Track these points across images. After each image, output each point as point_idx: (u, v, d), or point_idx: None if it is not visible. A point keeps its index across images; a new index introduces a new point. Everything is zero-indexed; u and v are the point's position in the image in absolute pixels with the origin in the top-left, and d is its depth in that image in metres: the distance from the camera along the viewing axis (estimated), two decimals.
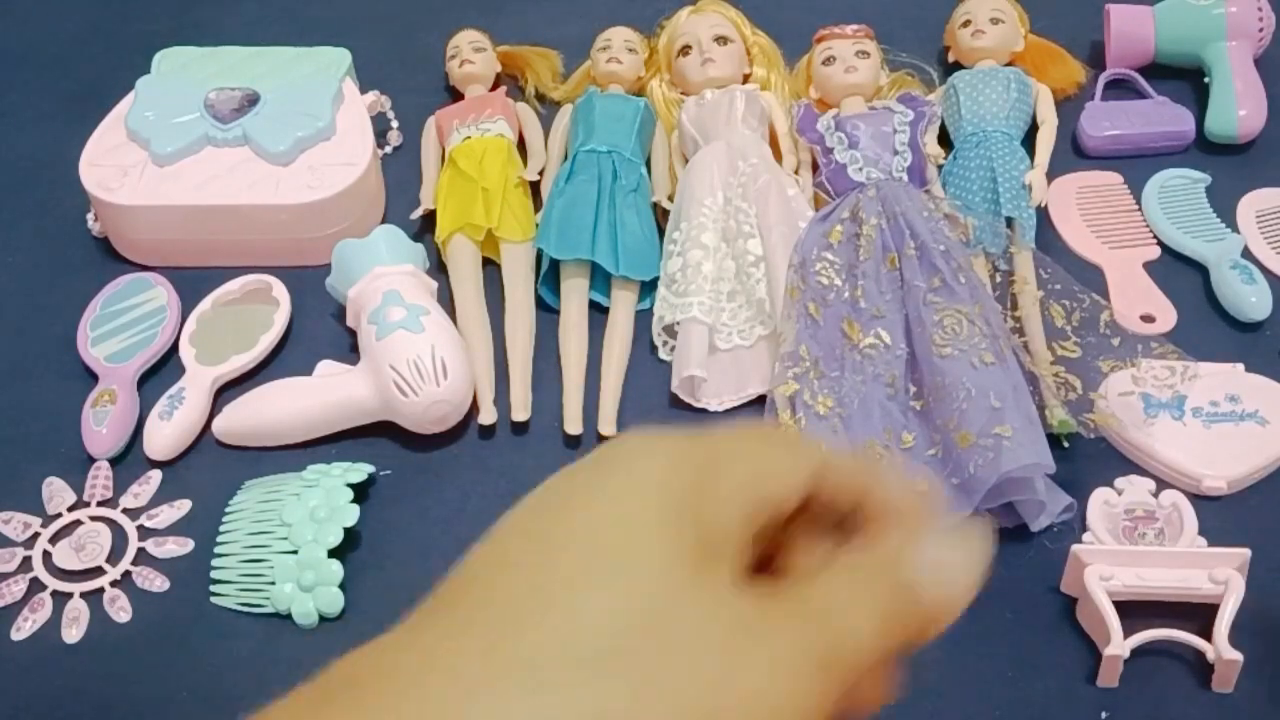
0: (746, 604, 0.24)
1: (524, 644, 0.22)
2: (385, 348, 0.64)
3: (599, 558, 0.23)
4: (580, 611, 0.22)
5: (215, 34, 0.86)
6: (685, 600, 0.23)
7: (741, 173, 0.72)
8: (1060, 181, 0.78)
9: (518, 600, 0.23)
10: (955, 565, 0.26)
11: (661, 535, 0.24)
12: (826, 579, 0.25)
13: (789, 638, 0.23)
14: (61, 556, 0.62)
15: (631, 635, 0.22)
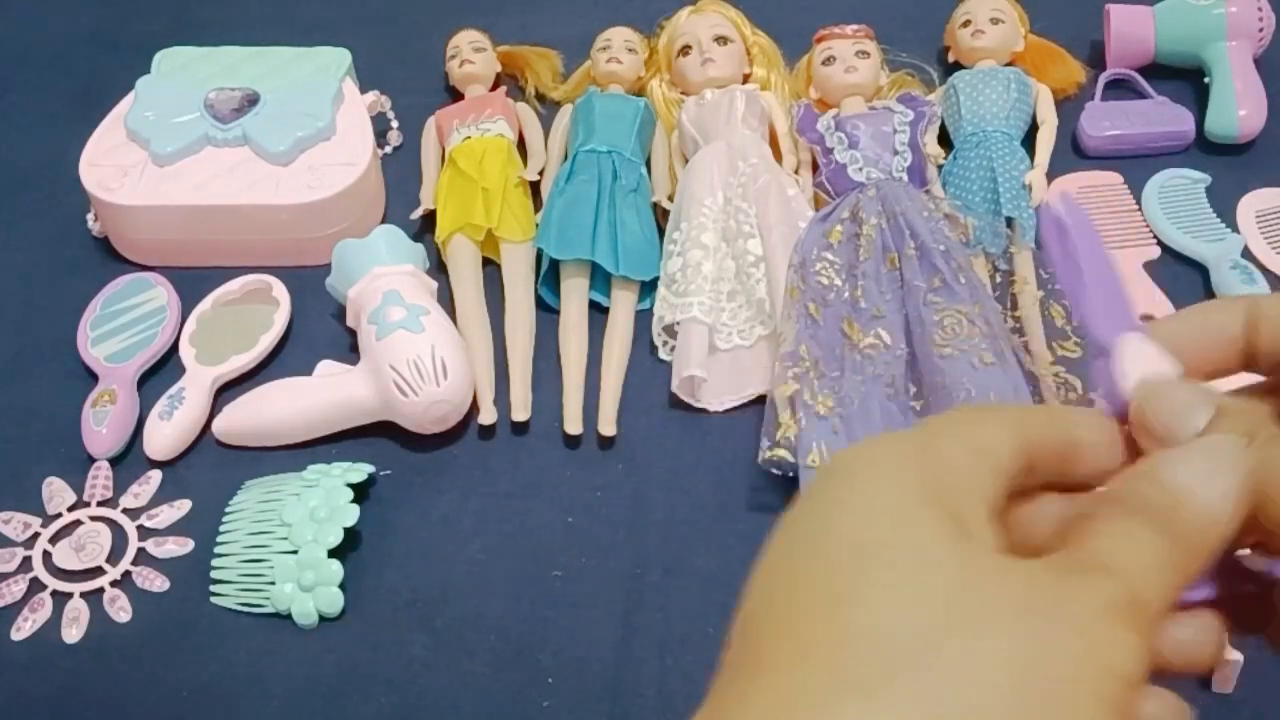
0: (1034, 569, 0.24)
1: (848, 683, 0.22)
2: (385, 348, 0.64)
3: (882, 560, 0.23)
4: (885, 625, 0.22)
5: (215, 34, 0.86)
6: (978, 575, 0.23)
7: (741, 173, 0.72)
8: (1060, 181, 0.78)
9: (826, 641, 0.22)
10: (1203, 474, 0.25)
11: (930, 518, 0.24)
12: (1092, 528, 0.25)
13: (1085, 594, 0.23)
14: (61, 556, 0.62)
15: (940, 628, 0.22)
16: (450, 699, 0.57)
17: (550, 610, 0.59)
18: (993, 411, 0.28)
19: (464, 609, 0.59)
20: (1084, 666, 0.22)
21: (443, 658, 0.58)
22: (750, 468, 0.64)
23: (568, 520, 0.63)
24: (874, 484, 0.25)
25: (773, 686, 0.23)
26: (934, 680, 0.22)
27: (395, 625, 0.59)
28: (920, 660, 0.22)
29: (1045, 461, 0.27)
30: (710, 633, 0.58)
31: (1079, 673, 0.22)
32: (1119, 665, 0.23)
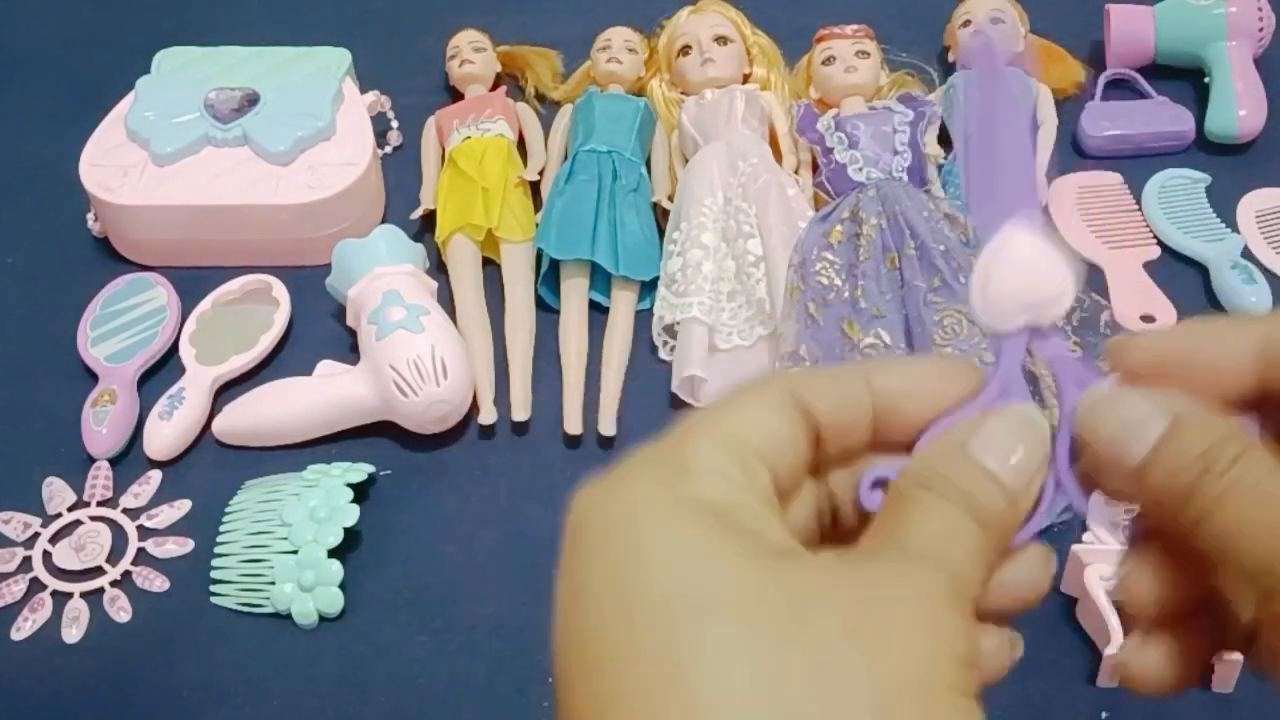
0: (862, 574, 0.23)
1: None
2: (385, 348, 0.64)
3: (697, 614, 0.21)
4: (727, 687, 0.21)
5: (215, 34, 0.86)
6: (806, 598, 0.22)
7: (741, 173, 0.72)
8: (1060, 181, 0.78)
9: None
10: (1013, 444, 0.25)
11: (728, 548, 0.22)
12: (911, 517, 0.24)
13: (920, 591, 0.23)
14: (61, 556, 0.62)
15: (784, 670, 0.21)
16: (450, 699, 0.57)
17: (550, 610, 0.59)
18: (750, 392, 0.26)
19: (464, 609, 0.59)
20: (935, 663, 0.22)
21: (443, 658, 0.58)
22: None
23: None
24: (652, 526, 0.23)
25: None
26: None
27: (395, 625, 0.59)
28: (778, 710, 0.21)
29: (845, 424, 0.26)
30: None
31: (933, 671, 0.22)
32: (961, 651, 0.23)
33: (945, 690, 0.22)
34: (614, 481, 0.24)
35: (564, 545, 0.24)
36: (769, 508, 0.24)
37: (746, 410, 0.25)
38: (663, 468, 0.24)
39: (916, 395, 0.26)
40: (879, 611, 0.22)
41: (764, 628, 0.21)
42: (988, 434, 0.25)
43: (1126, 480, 0.25)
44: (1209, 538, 0.24)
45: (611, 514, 0.23)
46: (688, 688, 0.21)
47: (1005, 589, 0.25)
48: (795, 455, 0.25)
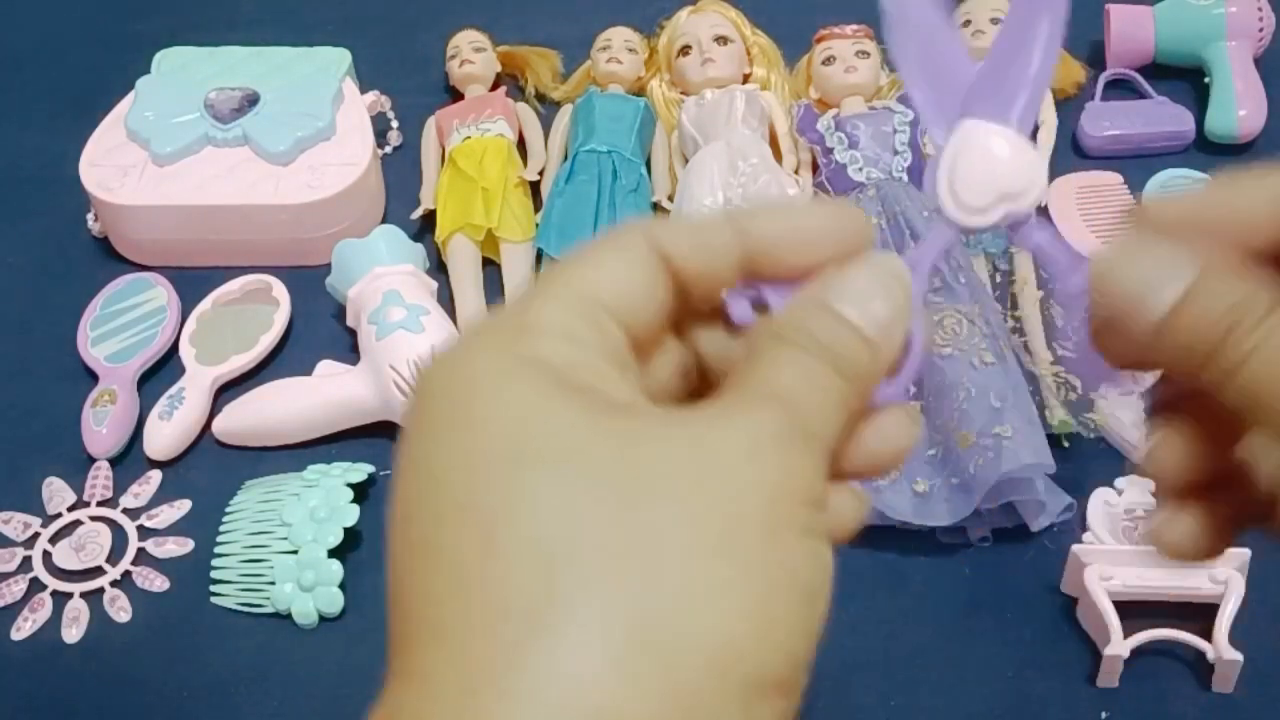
0: (698, 417, 0.22)
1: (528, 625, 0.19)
2: (385, 348, 0.64)
3: (526, 461, 0.21)
4: (550, 533, 0.20)
5: (215, 34, 0.86)
6: (636, 444, 0.21)
7: (741, 173, 0.72)
8: (1060, 181, 0.78)
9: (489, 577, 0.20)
10: (875, 294, 0.24)
11: (561, 399, 0.21)
12: (758, 362, 0.23)
13: (756, 427, 0.22)
14: (61, 556, 0.62)
15: (611, 516, 0.20)
16: None
17: None
18: (606, 245, 0.24)
19: None
20: (770, 498, 0.21)
21: None
22: None
23: None
24: (488, 382, 0.22)
25: (442, 660, 0.20)
26: (620, 584, 0.20)
27: None
28: (601, 561, 0.20)
29: (709, 272, 0.25)
30: None
31: (767, 505, 0.21)
32: (803, 490, 0.22)
33: (780, 528, 0.21)
34: (456, 347, 0.23)
35: (406, 413, 0.23)
36: (615, 365, 0.23)
37: (600, 265, 0.24)
38: (503, 330, 0.23)
39: (797, 244, 0.25)
40: (708, 452, 0.21)
41: (581, 474, 0.21)
42: (848, 284, 0.24)
43: (1146, 339, 0.24)
44: (1236, 395, 0.23)
45: (448, 378, 0.23)
46: (496, 536, 0.20)
47: (866, 447, 0.24)
48: (654, 308, 0.24)
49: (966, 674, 0.56)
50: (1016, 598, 0.58)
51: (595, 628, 0.19)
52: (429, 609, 0.21)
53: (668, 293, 0.25)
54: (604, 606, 0.19)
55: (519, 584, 0.20)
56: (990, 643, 0.57)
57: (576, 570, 0.20)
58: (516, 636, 0.19)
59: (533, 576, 0.20)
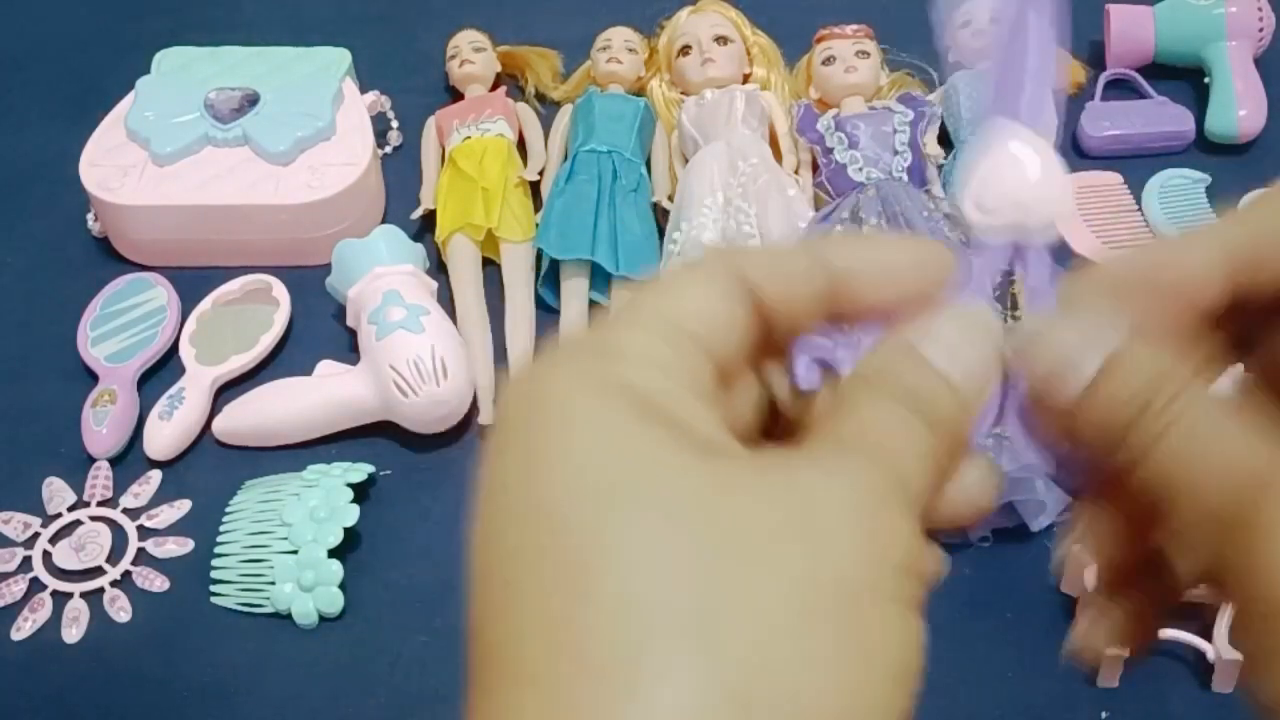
0: (792, 466, 0.21)
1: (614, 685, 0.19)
2: (385, 348, 0.64)
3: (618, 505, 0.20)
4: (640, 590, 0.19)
5: (215, 34, 0.86)
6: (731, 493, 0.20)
7: (741, 173, 0.72)
8: None
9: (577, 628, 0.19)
10: (964, 345, 0.23)
11: (651, 437, 0.20)
12: (849, 411, 0.22)
13: (853, 484, 0.21)
14: (61, 556, 0.62)
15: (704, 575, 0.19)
16: (450, 699, 0.56)
17: None
18: (690, 271, 0.23)
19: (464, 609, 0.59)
20: (869, 567, 0.20)
21: (443, 658, 0.58)
22: None
23: None
24: (574, 416, 0.21)
25: (530, 707, 0.19)
26: (716, 644, 0.19)
27: (395, 625, 0.59)
28: (693, 624, 0.19)
29: (794, 304, 0.24)
30: None
31: (866, 575, 0.20)
32: (900, 557, 0.21)
33: (879, 596, 0.20)
34: (539, 370, 0.22)
35: (488, 438, 0.22)
36: (702, 398, 0.22)
37: (685, 291, 0.23)
38: (589, 354, 0.22)
39: (878, 277, 0.24)
40: (808, 508, 0.20)
41: (677, 522, 0.20)
42: (938, 333, 0.23)
43: (1066, 416, 0.23)
44: (1147, 482, 0.22)
45: (532, 402, 0.22)
46: (589, 582, 0.19)
47: (948, 502, 0.23)
48: (738, 339, 0.23)
49: (966, 674, 0.56)
50: (1016, 598, 0.58)
51: (688, 692, 0.18)
52: (515, 650, 0.20)
53: (751, 323, 0.24)
54: (698, 670, 0.19)
55: (610, 638, 0.19)
56: (990, 643, 0.57)
57: (669, 628, 0.19)
58: (609, 694, 0.19)
59: (625, 631, 0.19)
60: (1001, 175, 0.24)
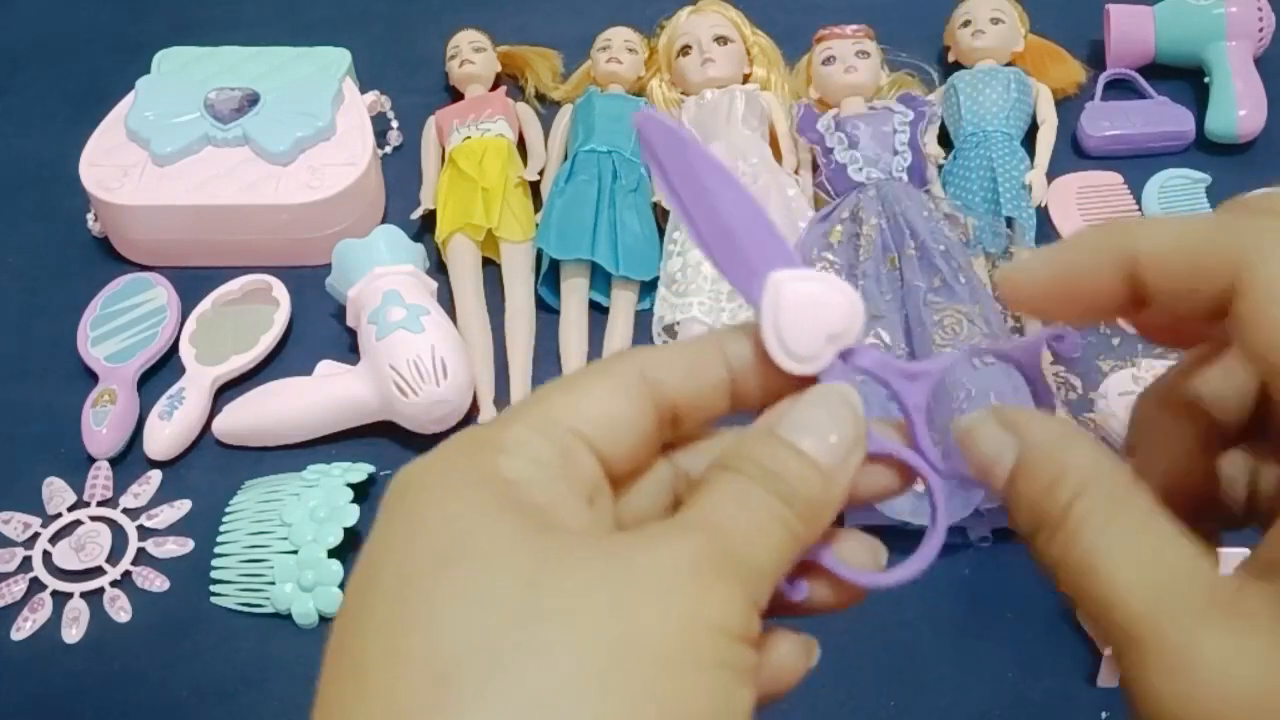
0: (621, 542, 0.22)
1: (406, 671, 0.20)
2: (385, 348, 0.64)
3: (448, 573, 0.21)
4: (445, 646, 0.20)
5: (215, 34, 0.86)
6: (555, 562, 0.21)
7: (741, 173, 0.72)
8: (1060, 181, 0.78)
9: (385, 678, 0.20)
10: (827, 424, 0.24)
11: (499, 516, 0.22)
12: (698, 491, 0.23)
13: (669, 552, 0.21)
14: (61, 556, 0.62)
15: (508, 631, 0.20)
16: None
17: None
18: (595, 373, 0.25)
19: None
20: (676, 627, 0.20)
21: None
22: None
23: None
24: (438, 493, 0.23)
25: None
26: (505, 693, 0.19)
27: None
28: (488, 675, 0.20)
29: (701, 398, 0.25)
30: None
31: (672, 635, 0.20)
32: (718, 619, 0.21)
33: (697, 663, 0.20)
34: (429, 454, 0.24)
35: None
36: (578, 493, 0.23)
37: (586, 393, 0.25)
38: (471, 444, 0.24)
39: (767, 363, 0.25)
40: (625, 577, 0.21)
41: (491, 586, 0.21)
42: (798, 415, 0.24)
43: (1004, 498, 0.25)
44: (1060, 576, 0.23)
45: (409, 481, 0.23)
46: (398, 643, 0.20)
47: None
48: (637, 436, 0.25)
49: (966, 674, 0.56)
50: (1016, 598, 0.58)
51: None
52: (333, 701, 0.21)
53: (655, 421, 0.25)
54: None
55: (409, 692, 0.20)
56: (990, 643, 0.57)
57: (465, 684, 0.20)
58: None
59: (422, 686, 0.20)
60: (790, 320, 0.25)
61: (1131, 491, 0.23)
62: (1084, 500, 0.23)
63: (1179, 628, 0.20)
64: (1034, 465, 0.24)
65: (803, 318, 0.25)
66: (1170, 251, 0.23)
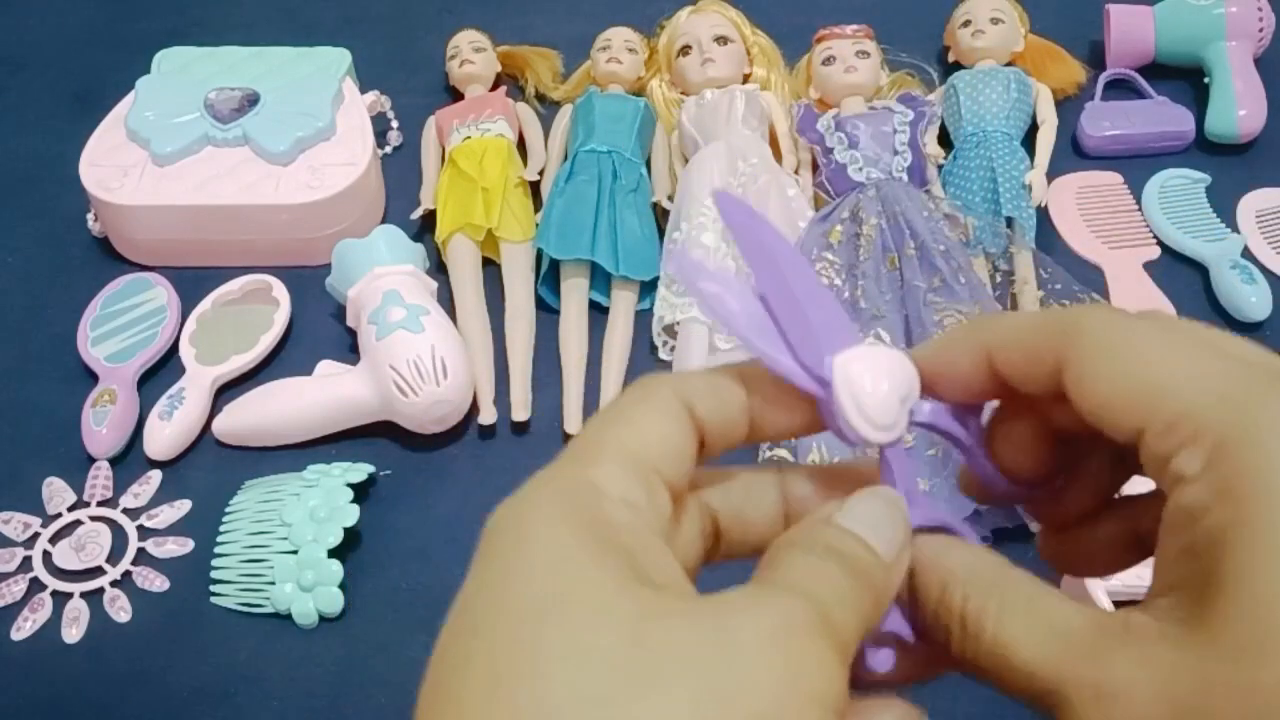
0: (718, 603, 0.22)
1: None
2: (385, 348, 0.64)
3: (551, 625, 0.21)
4: (551, 703, 0.20)
5: (215, 34, 0.86)
6: (655, 623, 0.21)
7: (741, 173, 0.72)
8: (1060, 181, 0.78)
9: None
10: (880, 519, 0.25)
11: (597, 566, 0.22)
12: (777, 560, 0.24)
13: (772, 614, 0.22)
14: (61, 556, 0.62)
15: (613, 692, 0.20)
16: None
17: None
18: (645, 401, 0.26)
19: None
20: (779, 695, 0.20)
21: None
22: None
23: None
24: (539, 534, 0.23)
25: None
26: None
27: (395, 625, 0.59)
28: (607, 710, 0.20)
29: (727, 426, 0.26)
30: None
31: (775, 703, 0.20)
32: (818, 687, 0.21)
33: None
34: (525, 493, 0.24)
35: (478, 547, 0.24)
36: (661, 535, 0.24)
37: (644, 424, 0.25)
38: (571, 484, 0.24)
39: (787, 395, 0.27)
40: (726, 636, 0.21)
41: (603, 641, 0.21)
42: (855, 508, 0.25)
43: None
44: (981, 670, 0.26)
45: (508, 521, 0.24)
46: (502, 690, 0.20)
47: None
48: (687, 465, 0.26)
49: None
50: None
51: None
52: None
53: (695, 447, 0.26)
54: None
55: None
56: None
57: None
58: None
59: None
60: (870, 394, 0.26)
61: (1008, 576, 0.25)
62: (973, 599, 0.25)
63: (1089, 668, 0.23)
64: (925, 581, 0.26)
65: (879, 389, 0.26)
66: (1010, 341, 0.26)
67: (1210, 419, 0.22)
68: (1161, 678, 0.22)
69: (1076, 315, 0.25)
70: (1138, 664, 0.22)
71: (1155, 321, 0.24)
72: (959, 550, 0.26)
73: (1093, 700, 0.22)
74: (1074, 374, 0.25)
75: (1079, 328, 0.25)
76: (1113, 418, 0.24)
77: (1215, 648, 0.21)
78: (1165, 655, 0.22)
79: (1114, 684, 0.22)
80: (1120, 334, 0.24)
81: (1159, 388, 0.23)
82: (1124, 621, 0.23)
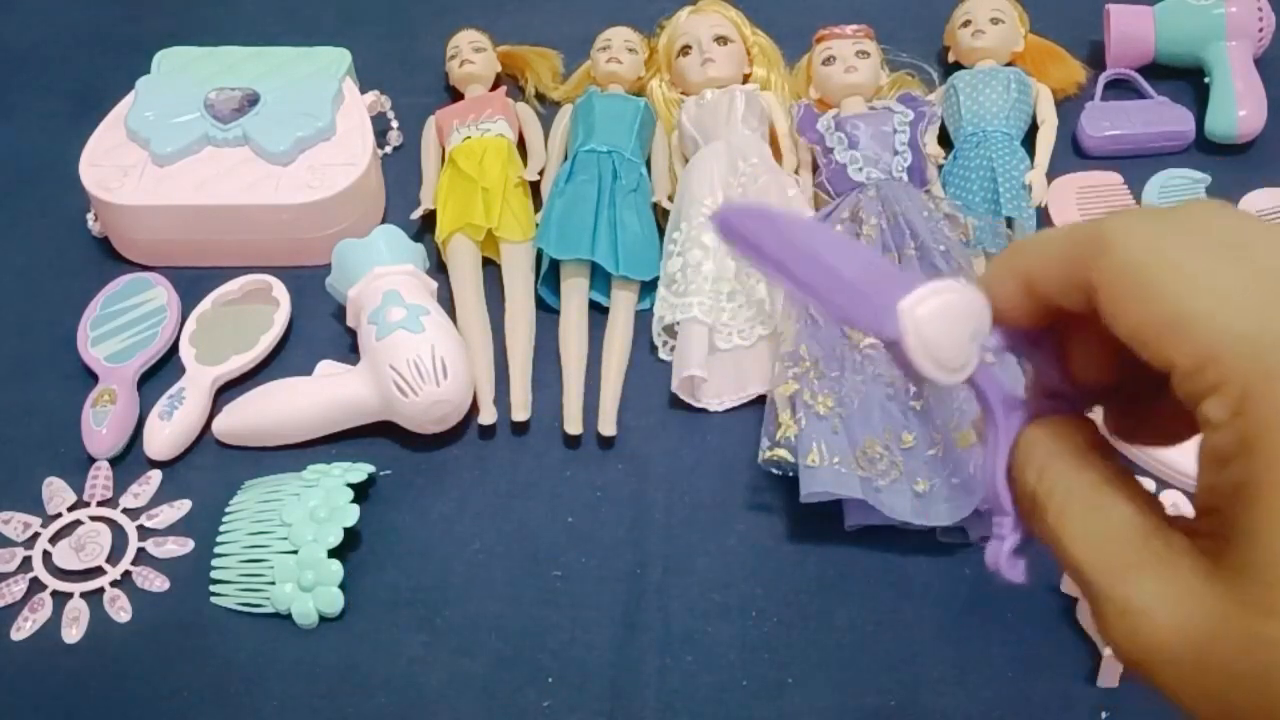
0: None
1: None
2: (385, 348, 0.64)
3: None
4: None
5: (215, 34, 0.86)
6: None
7: (741, 173, 0.72)
8: (1060, 181, 0.78)
9: None
10: None
11: None
12: None
13: None
14: (61, 556, 0.62)
15: None
16: (450, 699, 0.57)
17: (550, 610, 0.59)
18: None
19: (464, 609, 0.59)
20: None
21: (443, 658, 0.58)
22: (750, 468, 0.64)
23: (568, 520, 0.63)
24: None
25: None
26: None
27: (395, 625, 0.59)
28: None
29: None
30: (710, 632, 0.58)
31: None
32: None
33: None
34: None
35: None
36: None
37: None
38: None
39: None
40: None
41: None
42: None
43: None
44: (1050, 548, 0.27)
45: None
46: None
47: None
48: None
49: (966, 674, 0.56)
50: (1016, 598, 0.58)
51: None
52: None
53: None
54: None
55: None
56: (990, 643, 0.57)
57: None
58: None
59: None
60: (941, 339, 0.26)
61: (1082, 466, 0.27)
62: (1044, 482, 0.27)
63: (1120, 581, 0.25)
64: (1015, 456, 0.28)
65: (947, 332, 0.26)
66: (1043, 267, 0.27)
67: (1235, 367, 0.22)
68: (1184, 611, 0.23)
69: (1103, 231, 0.25)
70: (1165, 588, 0.24)
71: (1183, 225, 0.25)
72: (1046, 433, 0.28)
73: (1117, 615, 0.24)
74: (1103, 301, 0.25)
75: (1105, 246, 0.25)
76: (1143, 348, 0.24)
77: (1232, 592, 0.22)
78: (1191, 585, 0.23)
79: (1138, 607, 0.24)
80: (1146, 252, 0.24)
81: (1184, 320, 0.23)
82: (1166, 539, 0.25)
